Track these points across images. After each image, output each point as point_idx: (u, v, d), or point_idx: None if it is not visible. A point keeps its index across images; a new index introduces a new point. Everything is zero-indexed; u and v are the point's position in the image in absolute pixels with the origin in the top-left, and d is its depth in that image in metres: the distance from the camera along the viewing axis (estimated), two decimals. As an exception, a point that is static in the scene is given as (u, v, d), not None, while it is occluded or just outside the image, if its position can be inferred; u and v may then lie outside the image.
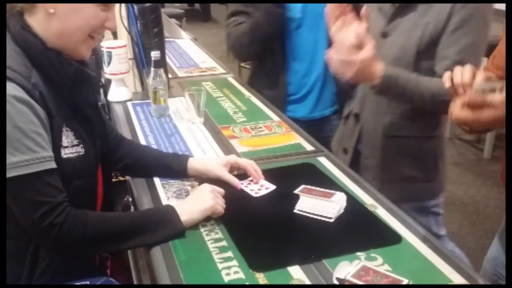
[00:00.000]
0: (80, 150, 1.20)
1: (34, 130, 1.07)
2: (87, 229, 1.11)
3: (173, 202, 1.30)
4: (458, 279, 1.05)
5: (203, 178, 1.43)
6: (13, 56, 1.11)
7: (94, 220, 1.13)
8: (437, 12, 1.58)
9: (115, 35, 2.37)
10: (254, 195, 1.38)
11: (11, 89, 1.05)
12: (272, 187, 1.42)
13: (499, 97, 1.01)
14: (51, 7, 1.11)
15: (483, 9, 1.57)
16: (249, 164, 1.45)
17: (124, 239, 1.16)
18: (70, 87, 1.18)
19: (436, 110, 1.63)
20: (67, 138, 1.17)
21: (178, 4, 5.99)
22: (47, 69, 1.14)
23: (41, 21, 1.14)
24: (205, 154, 1.63)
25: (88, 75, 1.22)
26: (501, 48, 1.35)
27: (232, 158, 1.47)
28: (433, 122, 1.71)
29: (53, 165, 1.10)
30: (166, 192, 1.39)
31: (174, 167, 1.44)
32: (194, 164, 1.44)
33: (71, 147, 1.17)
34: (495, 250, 1.49)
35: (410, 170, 1.72)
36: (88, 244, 1.13)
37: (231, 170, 1.46)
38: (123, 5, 2.12)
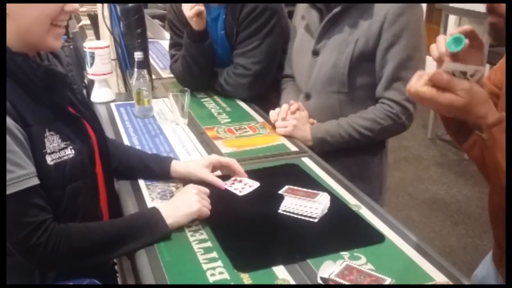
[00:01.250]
0: (69, 152, 1.15)
1: (8, 149, 1.02)
2: (72, 244, 1.09)
3: (157, 204, 1.30)
4: (440, 278, 1.06)
5: (189, 179, 1.42)
6: None
7: (78, 234, 1.11)
8: (366, 29, 1.60)
9: (97, 36, 2.36)
10: (238, 193, 1.39)
11: None
12: (256, 184, 1.43)
13: (466, 84, 0.95)
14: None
15: (414, 21, 1.59)
16: (232, 161, 1.46)
17: (111, 249, 1.14)
18: (44, 89, 1.13)
19: (380, 138, 1.74)
20: (52, 143, 1.12)
21: (161, 5, 5.94)
22: (17, 74, 1.08)
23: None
24: (189, 155, 1.63)
25: (59, 74, 1.17)
26: (502, 66, 1.30)
27: (214, 157, 1.47)
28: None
29: (32, 182, 1.05)
30: (150, 193, 1.39)
31: (156, 171, 1.44)
32: (176, 167, 1.44)
33: (58, 151, 1.12)
34: (485, 269, 1.42)
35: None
36: (74, 259, 1.11)
37: (214, 170, 1.46)
38: (105, 5, 2.11)
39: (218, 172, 1.48)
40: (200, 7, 1.89)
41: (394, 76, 1.62)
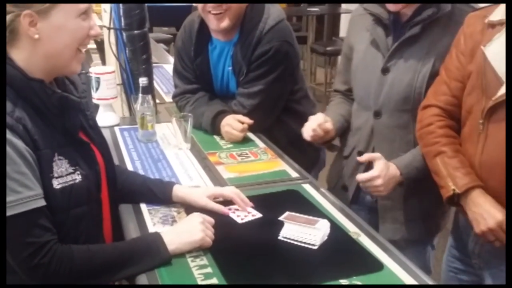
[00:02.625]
0: (76, 177, 1.18)
1: (17, 170, 1.05)
2: (74, 266, 1.11)
3: (159, 229, 1.32)
4: (438, 307, 1.07)
5: (189, 204, 1.44)
6: None
7: (80, 256, 1.13)
8: (445, 47, 1.54)
9: (103, 61, 2.40)
10: (239, 221, 1.40)
11: None
12: (258, 214, 1.44)
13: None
14: (35, 33, 1.10)
15: None
16: (235, 194, 1.46)
17: (112, 272, 1.16)
18: (57, 115, 1.17)
19: None
20: (60, 167, 1.15)
21: (166, 29, 6.02)
22: (33, 99, 1.12)
23: (26, 50, 1.12)
24: (191, 180, 1.65)
25: (72, 100, 1.21)
26: (450, 62, 1.45)
27: (217, 190, 1.49)
28: None
29: (38, 203, 1.08)
30: (152, 218, 1.40)
31: (159, 195, 1.46)
32: (178, 192, 1.46)
33: (65, 176, 1.15)
34: (448, 245, 1.61)
35: (431, 205, 1.66)
36: (75, 280, 1.12)
37: (215, 198, 1.47)
38: (111, 31, 2.16)
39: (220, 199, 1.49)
40: (246, 126, 1.94)
41: None
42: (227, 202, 1.47)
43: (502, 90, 1.26)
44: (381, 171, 1.53)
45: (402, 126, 1.64)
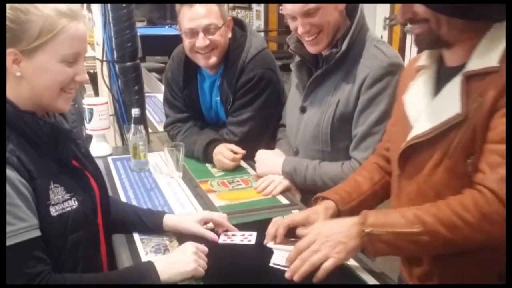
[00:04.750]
0: (73, 203, 1.21)
1: (10, 202, 1.07)
2: None
3: (151, 258, 1.34)
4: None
5: (180, 233, 1.46)
6: None
7: (73, 285, 1.15)
8: (347, 92, 1.66)
9: (96, 92, 2.44)
10: (238, 241, 1.45)
11: None
12: (254, 234, 1.47)
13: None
14: (17, 70, 1.14)
15: (391, 86, 1.62)
16: (224, 219, 1.50)
17: None
18: (50, 144, 1.20)
19: None
20: (56, 194, 1.18)
21: (159, 58, 6.11)
22: (25, 130, 1.16)
23: (12, 86, 1.16)
24: (183, 209, 1.67)
25: (63, 130, 1.25)
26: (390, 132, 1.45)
27: (207, 214, 1.52)
28: None
29: (32, 234, 1.11)
30: (144, 247, 1.42)
31: (149, 225, 1.48)
32: (168, 221, 1.48)
33: (61, 203, 1.18)
34: None
35: None
36: None
37: (205, 223, 1.50)
38: (104, 63, 2.20)
39: (211, 224, 1.52)
40: (239, 156, 2.01)
41: (362, 137, 1.67)
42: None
43: (410, 136, 1.23)
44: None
45: None
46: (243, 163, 2.07)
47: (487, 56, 1.12)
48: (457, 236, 1.09)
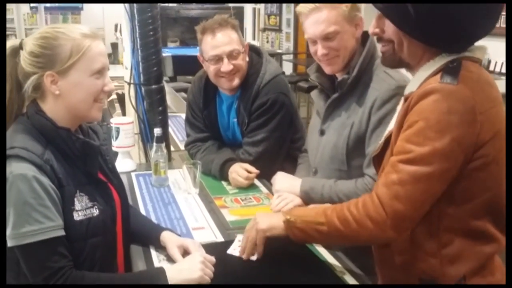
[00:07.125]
0: (94, 211, 1.37)
1: (42, 203, 1.25)
2: None
3: (164, 265, 1.47)
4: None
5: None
6: (29, 138, 1.31)
7: (90, 282, 1.30)
8: (360, 114, 1.78)
9: (123, 112, 2.62)
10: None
11: (25, 168, 1.24)
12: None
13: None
14: (56, 89, 1.32)
15: (396, 105, 1.66)
16: (200, 247, 1.55)
17: None
18: (80, 157, 1.37)
19: None
20: (81, 202, 1.34)
21: (190, 77, 6.30)
22: (60, 144, 1.34)
23: (51, 104, 1.35)
24: (197, 222, 1.81)
25: (93, 146, 1.42)
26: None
27: (186, 242, 1.55)
28: None
29: (58, 233, 1.27)
30: (158, 255, 1.56)
31: (151, 240, 1.60)
32: (162, 237, 1.57)
33: (84, 210, 1.35)
34: None
35: None
36: None
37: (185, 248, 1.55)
38: (131, 86, 2.38)
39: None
40: (253, 175, 2.14)
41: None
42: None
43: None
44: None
45: None
46: (256, 181, 2.19)
47: (413, 83, 1.28)
48: (347, 229, 1.29)
